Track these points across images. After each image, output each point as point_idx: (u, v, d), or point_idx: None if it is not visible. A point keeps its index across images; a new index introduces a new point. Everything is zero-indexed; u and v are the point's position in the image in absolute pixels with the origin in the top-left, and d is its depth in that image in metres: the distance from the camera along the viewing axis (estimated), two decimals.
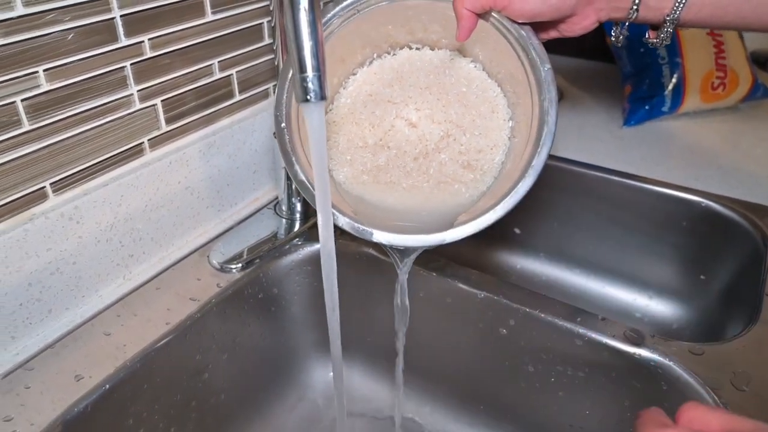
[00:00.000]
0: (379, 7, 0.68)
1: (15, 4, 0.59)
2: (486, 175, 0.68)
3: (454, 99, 0.70)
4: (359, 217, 0.63)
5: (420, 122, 0.70)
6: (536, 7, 0.62)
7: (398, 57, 0.73)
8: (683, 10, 0.61)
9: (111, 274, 0.76)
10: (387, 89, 0.71)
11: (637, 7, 0.62)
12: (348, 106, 0.72)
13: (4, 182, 0.63)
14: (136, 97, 0.73)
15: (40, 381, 0.64)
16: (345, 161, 0.70)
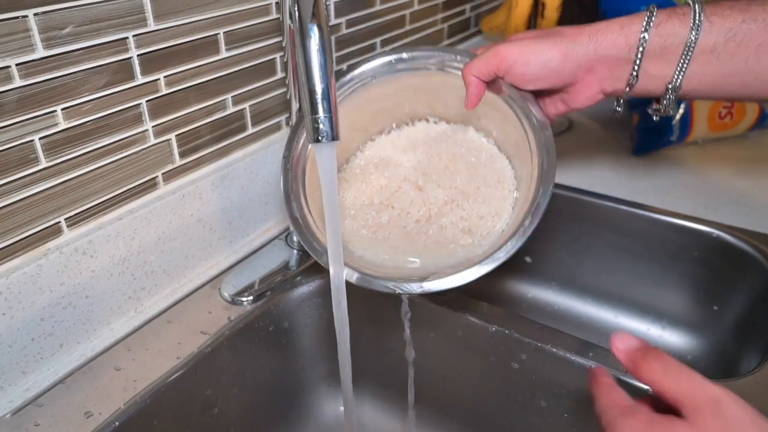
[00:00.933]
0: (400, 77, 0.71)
1: (36, 46, 0.60)
2: (484, 240, 0.69)
3: (462, 167, 0.72)
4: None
5: (426, 186, 0.72)
6: (535, 71, 0.64)
7: (416, 127, 0.78)
8: (684, 80, 0.61)
9: (123, 308, 0.76)
10: (400, 155, 0.73)
11: (637, 74, 0.62)
12: (360, 167, 0.74)
13: (20, 218, 0.64)
14: (151, 133, 0.74)
15: (50, 417, 0.64)
16: (348, 215, 0.71)
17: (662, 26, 0.60)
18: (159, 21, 0.70)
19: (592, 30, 0.63)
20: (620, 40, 0.62)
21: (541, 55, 0.63)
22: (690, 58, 0.59)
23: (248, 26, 0.82)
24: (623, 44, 0.62)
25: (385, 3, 1.08)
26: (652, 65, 0.61)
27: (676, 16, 0.60)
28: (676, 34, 0.59)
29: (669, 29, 0.59)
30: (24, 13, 0.58)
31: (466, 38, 1.42)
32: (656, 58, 0.61)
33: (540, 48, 0.63)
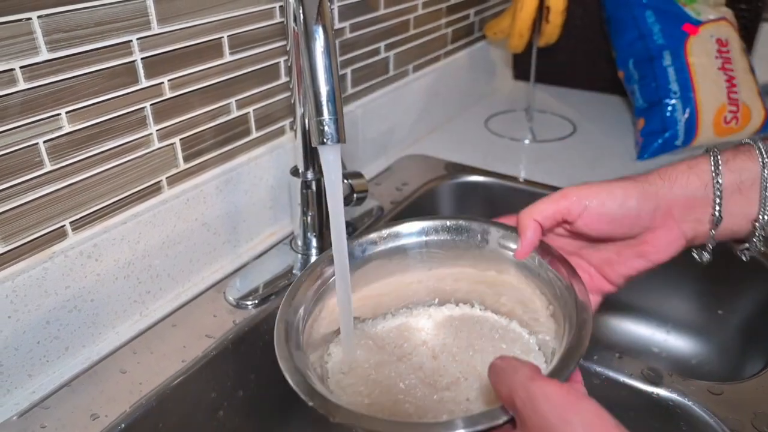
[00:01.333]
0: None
1: (41, 49, 0.60)
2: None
3: (486, 347, 0.66)
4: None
5: (441, 356, 0.66)
6: (612, 211, 0.59)
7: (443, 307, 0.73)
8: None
9: (128, 311, 0.76)
10: (424, 322, 0.71)
11: (720, 213, 0.58)
12: (388, 328, 0.71)
13: (26, 221, 0.64)
14: (155, 137, 0.74)
15: (56, 419, 0.64)
16: (355, 354, 0.67)
17: (731, 163, 0.57)
18: (163, 24, 0.71)
19: (660, 172, 0.60)
20: (693, 178, 0.58)
21: (617, 193, 0.58)
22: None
23: (252, 30, 0.82)
24: (698, 183, 0.58)
25: (389, 7, 1.08)
26: (732, 203, 0.58)
27: (741, 153, 0.57)
28: (748, 169, 0.56)
29: (739, 165, 0.57)
30: (28, 15, 0.59)
31: (469, 43, 1.42)
32: (735, 195, 0.57)
33: (613, 188, 0.59)
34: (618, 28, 1.24)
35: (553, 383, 0.43)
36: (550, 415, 0.41)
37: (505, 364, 0.47)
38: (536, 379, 0.44)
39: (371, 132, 1.13)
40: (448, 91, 1.36)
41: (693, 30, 1.15)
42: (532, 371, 0.45)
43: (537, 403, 0.42)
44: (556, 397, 0.42)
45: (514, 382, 0.45)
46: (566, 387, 0.43)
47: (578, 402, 0.42)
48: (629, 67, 1.23)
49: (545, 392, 0.43)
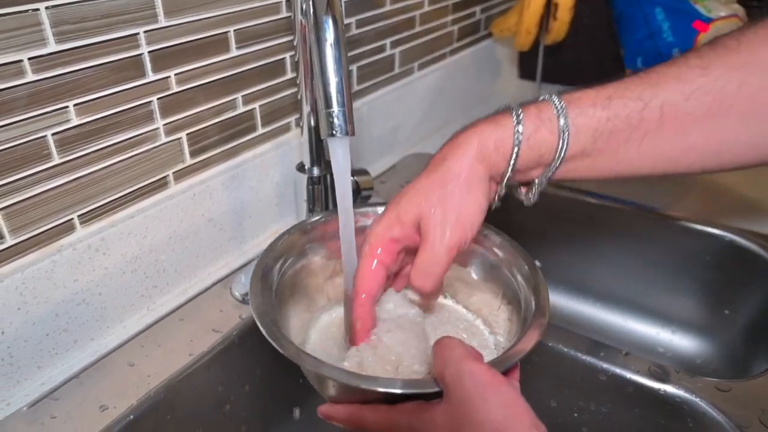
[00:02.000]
0: None
1: (48, 41, 0.60)
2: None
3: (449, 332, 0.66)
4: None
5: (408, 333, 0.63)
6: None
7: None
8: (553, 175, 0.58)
9: (135, 305, 0.76)
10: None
11: (510, 176, 0.58)
12: None
13: (34, 214, 0.64)
14: (162, 131, 0.74)
15: (66, 411, 0.64)
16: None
17: (533, 138, 0.56)
18: (170, 17, 0.71)
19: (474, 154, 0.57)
20: (498, 157, 0.57)
21: (471, 209, 0.57)
22: (561, 161, 0.56)
23: (259, 24, 0.82)
24: (502, 159, 0.57)
25: (395, 3, 1.08)
26: (525, 171, 0.58)
27: (543, 124, 0.56)
28: (546, 142, 0.56)
29: (539, 139, 0.56)
30: (36, 6, 0.59)
31: (476, 41, 1.42)
32: (530, 167, 0.58)
33: (464, 207, 0.57)
34: (627, 25, 1.24)
35: (481, 365, 0.46)
36: (471, 390, 0.44)
37: (447, 342, 0.50)
38: (469, 358, 0.47)
39: (376, 130, 1.13)
40: (454, 90, 1.36)
41: (703, 27, 1.14)
42: (468, 352, 0.48)
43: (462, 379, 0.45)
44: (480, 376, 0.45)
45: (449, 359, 0.47)
46: (493, 371, 0.46)
47: (500, 385, 0.45)
48: (638, 65, 1.23)
49: (472, 370, 0.45)
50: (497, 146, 0.56)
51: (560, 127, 0.55)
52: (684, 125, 0.54)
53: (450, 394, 0.46)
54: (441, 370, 0.48)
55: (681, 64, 0.55)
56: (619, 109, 0.55)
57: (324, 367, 0.51)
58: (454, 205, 0.56)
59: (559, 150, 0.55)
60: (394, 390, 0.49)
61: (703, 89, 0.53)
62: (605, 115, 0.55)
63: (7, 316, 0.63)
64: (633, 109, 0.55)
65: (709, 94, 0.53)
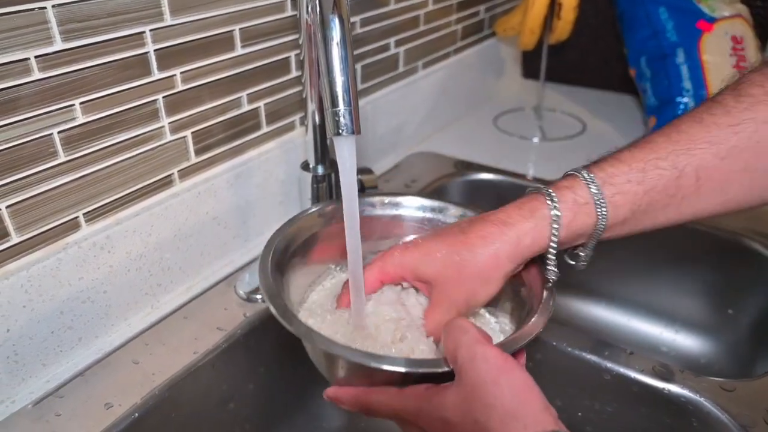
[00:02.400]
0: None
1: (55, 39, 0.60)
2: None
3: None
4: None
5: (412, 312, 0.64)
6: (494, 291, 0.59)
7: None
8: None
9: (140, 303, 0.76)
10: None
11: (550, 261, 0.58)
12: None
13: (40, 212, 0.64)
14: (167, 129, 0.75)
15: (71, 408, 0.65)
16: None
17: (571, 226, 0.56)
18: (175, 16, 0.71)
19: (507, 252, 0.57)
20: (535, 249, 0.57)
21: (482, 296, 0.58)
22: (601, 235, 0.57)
23: (264, 23, 0.82)
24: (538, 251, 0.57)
25: (399, 2, 1.08)
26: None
27: (581, 210, 0.56)
28: (585, 224, 0.56)
29: (578, 225, 0.56)
30: (42, 4, 0.59)
31: (479, 40, 1.42)
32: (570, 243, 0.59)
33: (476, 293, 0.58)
34: (630, 24, 1.24)
35: (495, 348, 0.47)
36: (484, 374, 0.45)
37: (459, 323, 0.50)
38: (481, 342, 0.47)
39: (380, 128, 1.13)
40: (458, 89, 1.36)
41: (707, 27, 1.14)
42: (480, 335, 0.48)
43: (476, 362, 0.46)
44: (493, 359, 0.46)
45: (461, 341, 0.48)
46: (506, 355, 0.46)
47: (512, 369, 0.45)
48: (641, 64, 1.23)
49: (485, 353, 0.46)
50: (534, 241, 0.56)
51: (597, 210, 0.55)
52: (722, 185, 0.54)
53: (462, 376, 0.46)
54: (453, 352, 0.48)
55: (710, 123, 0.55)
56: (655, 181, 0.55)
57: (335, 346, 0.51)
58: (467, 292, 0.58)
59: (597, 229, 0.56)
60: (404, 369, 0.49)
61: (737, 147, 0.53)
62: (642, 189, 0.55)
63: (12, 313, 0.63)
64: (669, 178, 0.55)
65: (744, 152, 0.53)
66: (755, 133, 0.53)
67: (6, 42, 0.57)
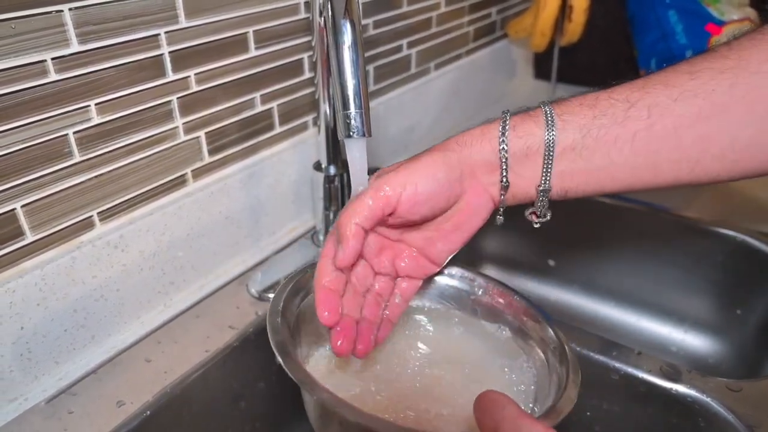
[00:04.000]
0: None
1: (71, 41, 0.61)
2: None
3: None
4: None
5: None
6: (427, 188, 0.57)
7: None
8: (553, 179, 0.58)
9: (152, 302, 0.77)
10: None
11: (507, 178, 0.58)
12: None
13: (55, 211, 0.65)
14: (181, 130, 0.75)
15: (83, 406, 0.65)
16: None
17: (519, 127, 0.57)
18: (190, 18, 0.72)
19: (457, 139, 0.59)
20: (485, 144, 0.58)
21: (424, 171, 0.57)
22: (553, 156, 0.56)
23: (277, 25, 0.83)
24: (489, 148, 0.58)
25: (412, 5, 1.09)
26: (521, 168, 0.58)
27: (530, 118, 0.57)
28: (533, 134, 0.56)
29: (526, 129, 0.57)
30: (59, 7, 0.60)
31: (491, 42, 1.43)
32: (523, 160, 0.57)
33: (419, 167, 0.57)
34: (641, 27, 1.24)
35: (540, 424, 0.44)
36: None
37: (495, 397, 0.47)
38: (525, 417, 0.44)
39: (392, 129, 1.14)
40: (469, 90, 1.36)
41: (716, 30, 1.15)
42: (521, 410, 0.45)
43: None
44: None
45: (503, 417, 0.45)
46: (551, 429, 0.44)
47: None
48: (651, 66, 1.23)
49: (532, 430, 0.43)
50: (483, 132, 0.58)
51: (545, 117, 0.56)
52: (675, 126, 0.54)
53: None
54: (494, 428, 0.45)
55: (669, 70, 0.56)
56: (604, 107, 0.55)
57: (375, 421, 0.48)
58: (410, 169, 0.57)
59: (546, 141, 0.56)
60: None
61: (691, 92, 0.53)
62: (591, 112, 0.56)
63: (26, 311, 0.64)
64: (619, 108, 0.55)
65: (698, 96, 0.53)
66: (710, 82, 0.53)
67: (23, 44, 0.58)
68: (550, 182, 0.58)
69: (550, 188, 0.58)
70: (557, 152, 0.56)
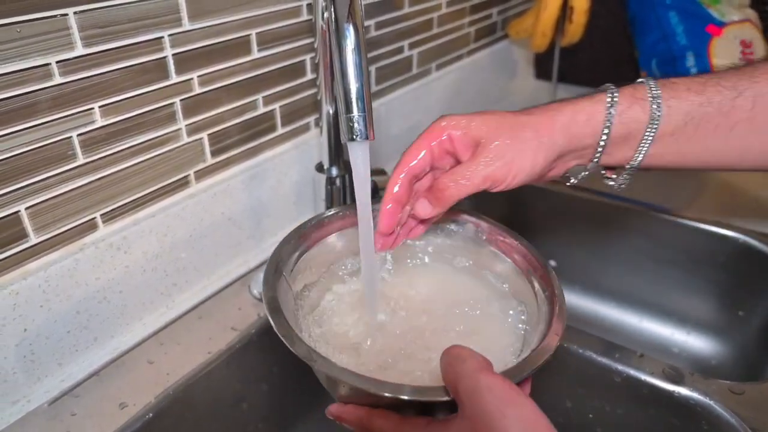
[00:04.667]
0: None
1: (76, 44, 0.61)
2: None
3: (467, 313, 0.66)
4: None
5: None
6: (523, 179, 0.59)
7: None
8: (643, 159, 0.59)
9: (155, 303, 0.77)
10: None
11: (599, 158, 0.60)
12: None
13: (59, 213, 0.65)
14: (184, 132, 0.75)
15: (86, 408, 0.66)
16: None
17: (625, 114, 0.58)
18: (193, 21, 0.72)
19: (563, 122, 0.59)
20: (587, 129, 0.59)
21: (527, 162, 0.58)
22: (651, 142, 0.58)
23: (280, 27, 0.83)
24: (590, 133, 0.59)
25: (413, 6, 1.09)
26: (615, 150, 0.59)
27: (636, 102, 0.58)
28: (638, 120, 0.57)
29: (631, 116, 0.57)
30: (64, 11, 0.60)
31: (492, 42, 1.43)
32: (620, 144, 0.59)
33: (523, 155, 0.58)
34: (641, 28, 1.24)
35: (499, 377, 0.45)
36: (489, 405, 0.43)
37: (456, 352, 0.48)
38: (484, 371, 0.45)
39: (394, 130, 1.14)
40: (471, 90, 1.36)
41: (717, 31, 1.15)
42: (481, 363, 0.46)
43: (480, 392, 0.43)
44: (498, 389, 0.43)
45: (462, 372, 0.46)
46: (510, 383, 0.44)
47: (518, 398, 0.43)
48: (652, 67, 1.23)
49: (489, 383, 0.44)
50: (589, 118, 0.58)
51: (652, 106, 0.57)
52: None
53: (465, 409, 0.44)
54: (454, 383, 0.46)
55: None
56: (712, 94, 0.56)
57: (335, 369, 0.51)
58: (516, 150, 0.57)
59: (649, 128, 0.57)
60: (403, 396, 0.47)
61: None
62: (698, 99, 0.57)
63: (29, 313, 0.64)
64: (726, 96, 0.56)
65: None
66: None
67: (28, 48, 0.58)
68: (640, 162, 0.59)
69: (638, 166, 0.60)
70: (655, 137, 0.58)
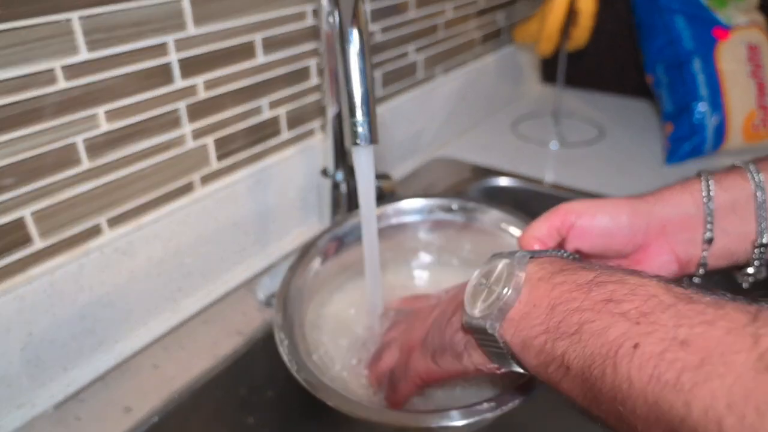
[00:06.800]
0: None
1: (80, 49, 0.62)
2: None
3: None
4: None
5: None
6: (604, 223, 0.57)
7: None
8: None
9: (160, 307, 0.77)
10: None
11: (712, 231, 0.55)
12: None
13: (64, 218, 0.65)
14: (189, 137, 0.76)
15: (91, 412, 0.66)
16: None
17: (723, 182, 0.55)
18: (198, 26, 0.72)
19: (654, 192, 0.58)
20: (686, 197, 0.56)
21: (609, 208, 0.56)
22: (765, 210, 0.54)
23: (285, 32, 0.83)
24: (690, 201, 0.56)
25: (419, 10, 1.09)
26: (727, 222, 0.55)
27: (733, 173, 0.55)
28: (740, 187, 0.54)
29: (731, 183, 0.55)
30: (68, 15, 0.60)
31: (498, 47, 1.43)
32: (729, 215, 0.55)
33: (606, 203, 0.57)
34: (648, 33, 1.24)
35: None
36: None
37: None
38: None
39: (399, 134, 1.14)
40: (476, 95, 1.36)
41: (723, 35, 1.14)
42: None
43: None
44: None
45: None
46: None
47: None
48: (658, 71, 1.23)
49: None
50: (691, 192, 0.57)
51: (749, 173, 0.55)
52: None
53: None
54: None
55: None
56: None
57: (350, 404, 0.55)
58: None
59: (759, 198, 0.54)
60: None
61: None
62: None
63: (34, 317, 0.64)
64: None
65: None
66: None
67: (32, 52, 0.58)
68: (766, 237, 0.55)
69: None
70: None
